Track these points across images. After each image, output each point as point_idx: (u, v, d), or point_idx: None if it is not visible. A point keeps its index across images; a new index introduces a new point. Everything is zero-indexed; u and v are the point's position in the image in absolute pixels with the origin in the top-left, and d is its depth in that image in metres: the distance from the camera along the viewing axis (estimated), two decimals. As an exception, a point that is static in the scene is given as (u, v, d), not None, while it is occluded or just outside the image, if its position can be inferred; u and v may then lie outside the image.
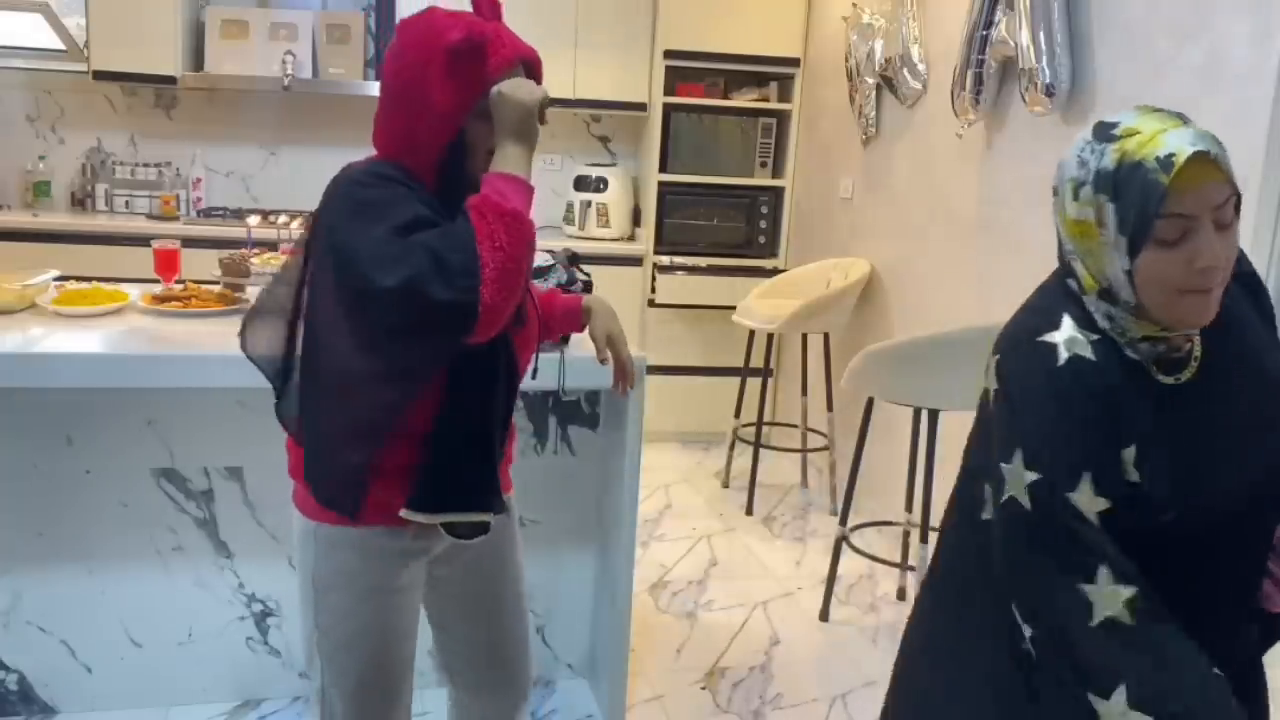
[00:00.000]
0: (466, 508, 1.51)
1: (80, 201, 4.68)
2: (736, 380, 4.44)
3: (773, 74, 4.82)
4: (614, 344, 1.73)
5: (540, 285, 2.06)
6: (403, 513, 1.48)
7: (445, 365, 1.42)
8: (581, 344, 2.33)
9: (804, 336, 4.55)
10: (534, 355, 1.67)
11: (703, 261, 4.72)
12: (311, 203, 4.48)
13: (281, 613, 2.50)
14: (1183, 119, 1.13)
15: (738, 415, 4.39)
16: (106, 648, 2.42)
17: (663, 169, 4.73)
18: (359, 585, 1.55)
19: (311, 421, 1.52)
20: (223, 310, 2.45)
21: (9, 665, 2.39)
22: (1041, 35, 2.89)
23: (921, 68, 3.74)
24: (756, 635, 3.09)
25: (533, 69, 1.50)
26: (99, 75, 4.36)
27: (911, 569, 3.13)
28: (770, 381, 4.70)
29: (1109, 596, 1.10)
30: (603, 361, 1.74)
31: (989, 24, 3.13)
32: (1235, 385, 1.22)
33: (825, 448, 4.23)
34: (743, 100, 4.82)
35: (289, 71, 4.43)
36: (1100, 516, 1.12)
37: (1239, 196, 1.14)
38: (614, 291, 4.56)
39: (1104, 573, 1.10)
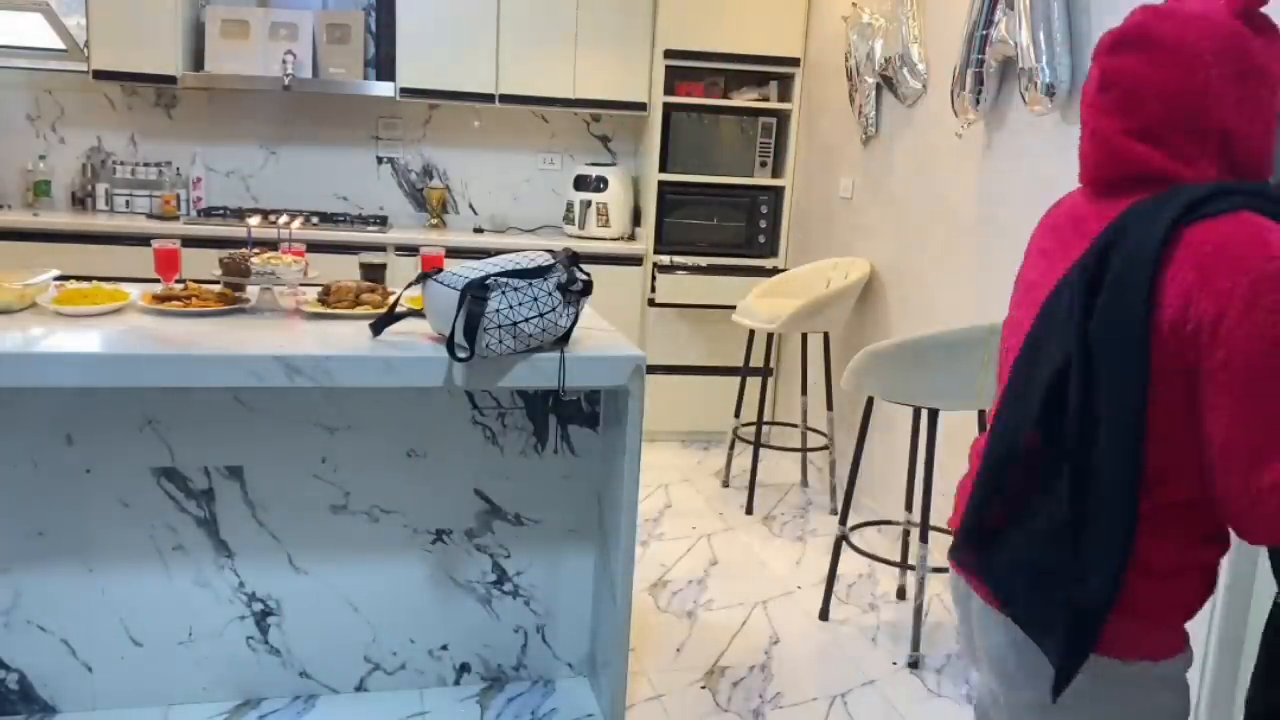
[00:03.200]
0: None
1: (80, 201, 4.68)
2: (736, 380, 4.44)
3: (773, 74, 4.82)
4: None
5: None
6: None
7: None
8: (581, 344, 2.34)
9: (804, 336, 4.56)
10: None
11: (703, 261, 4.72)
12: (311, 202, 4.46)
13: (281, 612, 2.51)
14: None
15: (738, 415, 4.39)
16: (106, 647, 2.43)
17: (663, 169, 4.73)
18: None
19: None
20: (223, 310, 2.45)
21: (9, 664, 2.39)
22: (1041, 35, 2.90)
23: (921, 68, 3.74)
24: (756, 634, 3.09)
25: None
26: (99, 75, 4.36)
27: (911, 568, 3.13)
28: (770, 381, 4.71)
29: None
30: None
31: (989, 24, 3.13)
32: None
33: (825, 447, 4.23)
34: (743, 100, 4.82)
35: (289, 71, 4.43)
36: None
37: None
38: (614, 291, 4.59)
39: None
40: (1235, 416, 1.11)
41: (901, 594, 3.40)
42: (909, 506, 3.29)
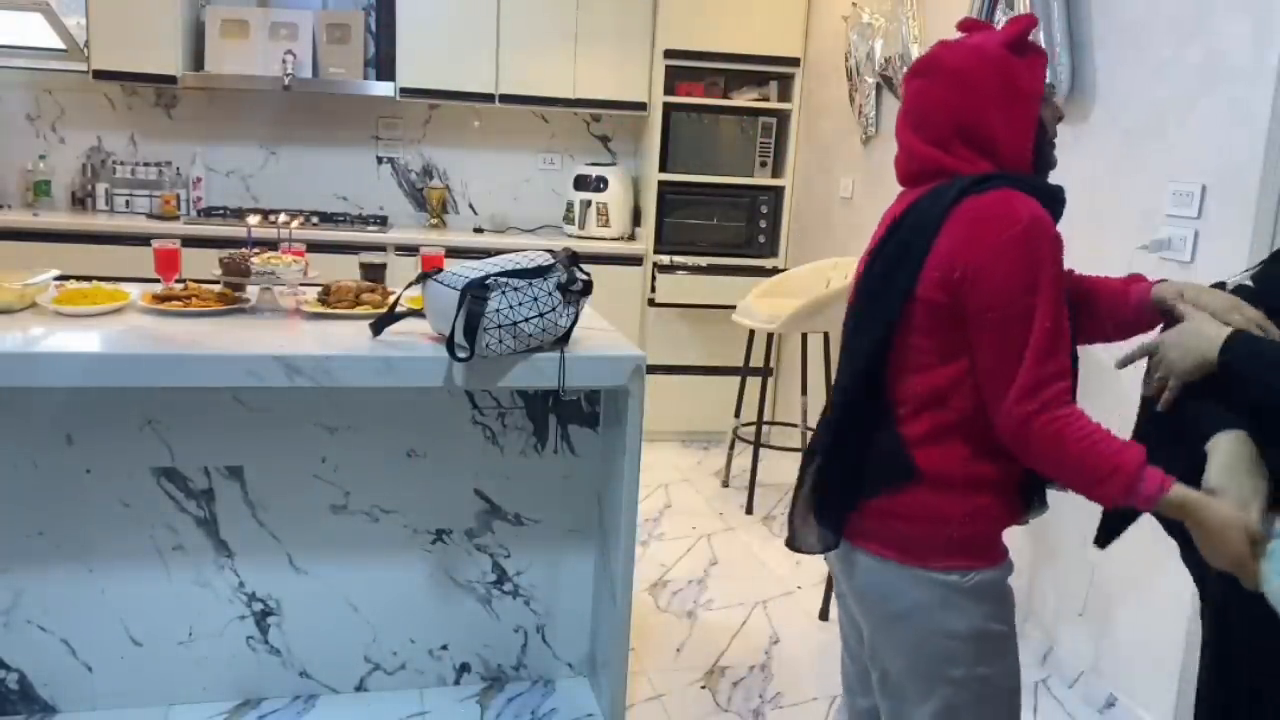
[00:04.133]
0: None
1: (80, 201, 4.68)
2: (736, 380, 4.44)
3: (773, 74, 4.82)
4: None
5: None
6: (1031, 516, 1.58)
7: None
8: (581, 344, 2.34)
9: (804, 336, 4.55)
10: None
11: (703, 261, 4.72)
12: (311, 202, 4.45)
13: (281, 612, 2.51)
14: None
15: (738, 415, 4.39)
16: (106, 647, 2.43)
17: (663, 168, 4.73)
18: (1006, 628, 1.55)
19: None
20: (223, 310, 2.45)
21: (9, 664, 2.39)
22: (1041, 35, 2.89)
23: (921, 67, 3.74)
24: (756, 634, 3.09)
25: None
26: (99, 75, 4.36)
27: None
28: (770, 381, 4.70)
29: None
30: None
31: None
32: None
33: (825, 447, 4.22)
34: (743, 100, 4.82)
35: (289, 71, 4.43)
36: None
37: None
38: (614, 291, 4.58)
39: None
40: (991, 349, 1.41)
41: (901, 594, 3.40)
42: (909, 506, 3.28)
